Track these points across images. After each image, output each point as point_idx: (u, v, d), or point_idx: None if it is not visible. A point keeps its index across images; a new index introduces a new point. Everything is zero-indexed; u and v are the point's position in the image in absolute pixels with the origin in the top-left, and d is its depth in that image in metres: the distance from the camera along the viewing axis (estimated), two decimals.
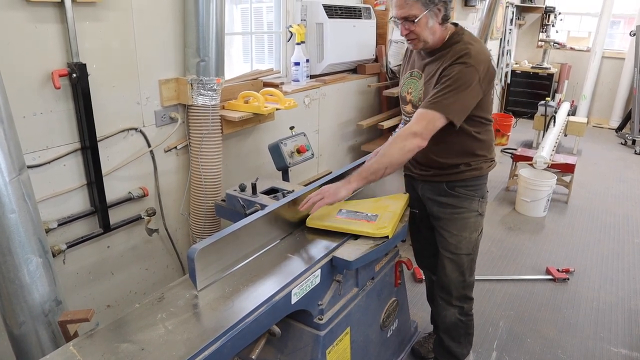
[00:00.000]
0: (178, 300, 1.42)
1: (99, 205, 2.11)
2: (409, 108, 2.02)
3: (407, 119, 2.03)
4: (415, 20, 1.78)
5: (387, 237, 1.82)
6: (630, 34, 7.19)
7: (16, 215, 1.41)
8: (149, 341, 1.25)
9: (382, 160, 1.80)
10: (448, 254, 2.12)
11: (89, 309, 1.41)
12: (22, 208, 1.42)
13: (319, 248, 1.76)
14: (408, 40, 1.88)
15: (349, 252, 1.74)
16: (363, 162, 2.34)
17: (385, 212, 1.96)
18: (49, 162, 1.94)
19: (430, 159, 1.99)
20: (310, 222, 1.89)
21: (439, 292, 2.24)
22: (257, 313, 1.39)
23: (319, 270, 1.66)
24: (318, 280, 1.67)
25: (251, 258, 1.66)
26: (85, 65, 1.91)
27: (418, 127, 1.77)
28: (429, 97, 1.81)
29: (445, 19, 1.83)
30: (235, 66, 3.15)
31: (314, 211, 1.81)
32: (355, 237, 1.84)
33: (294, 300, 1.56)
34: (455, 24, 1.93)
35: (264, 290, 1.48)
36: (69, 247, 2.04)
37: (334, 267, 1.74)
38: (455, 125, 1.79)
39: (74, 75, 1.89)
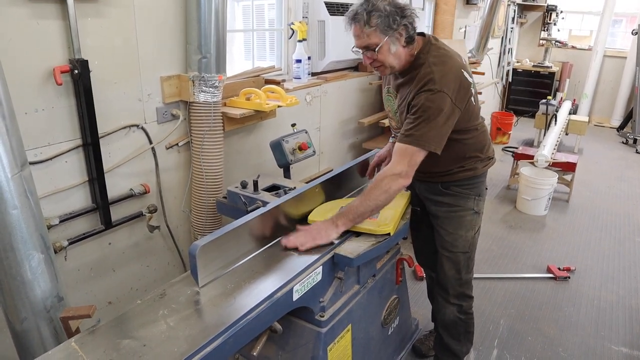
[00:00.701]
0: (180, 296, 1.42)
1: (101, 202, 2.11)
2: (393, 123, 2.06)
3: (394, 132, 2.08)
4: (377, 49, 1.74)
5: (388, 234, 1.82)
6: (632, 33, 7.19)
7: (18, 211, 1.41)
8: (151, 337, 1.25)
9: (369, 204, 1.77)
10: (445, 252, 2.13)
11: (90, 305, 1.41)
12: (24, 204, 1.42)
13: (321, 245, 1.76)
14: (374, 68, 1.84)
15: (351, 249, 1.74)
16: (365, 160, 2.35)
17: (386, 210, 1.95)
18: (50, 159, 1.93)
19: (422, 168, 1.92)
20: (312, 219, 1.89)
21: (438, 290, 2.25)
22: (259, 310, 1.39)
23: (321, 267, 1.66)
24: (320, 277, 1.67)
25: (253, 255, 1.67)
26: (87, 61, 1.90)
27: (400, 167, 1.74)
28: (403, 129, 1.78)
29: (409, 41, 1.77)
30: (237, 63, 3.14)
31: (301, 251, 1.71)
32: (357, 234, 1.84)
33: (295, 297, 1.56)
34: (423, 34, 1.87)
35: (266, 287, 1.48)
36: (70, 243, 2.04)
37: (335, 264, 1.74)
38: (436, 153, 1.76)
39: (76, 71, 1.88)
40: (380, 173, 1.80)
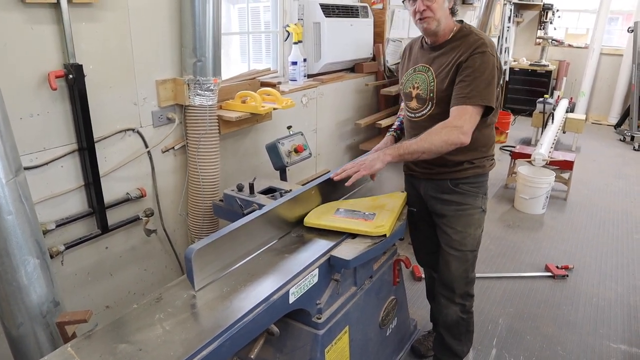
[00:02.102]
0: (176, 300, 1.42)
1: (97, 206, 2.11)
2: (414, 104, 2.01)
3: (412, 115, 2.03)
4: None
5: (384, 235, 1.82)
6: (628, 30, 7.20)
7: (13, 217, 1.41)
8: (147, 341, 1.25)
9: (422, 144, 1.81)
10: (452, 251, 2.11)
11: (87, 310, 1.41)
12: (19, 210, 1.42)
13: (317, 247, 1.76)
14: (422, 18, 1.85)
15: (347, 251, 1.74)
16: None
17: (382, 211, 1.96)
18: (46, 164, 1.94)
19: (434, 161, 1.98)
20: (308, 222, 1.89)
21: (441, 290, 2.23)
22: (255, 312, 1.39)
23: (317, 269, 1.66)
24: (316, 279, 1.67)
25: (249, 258, 1.67)
26: (81, 66, 1.91)
27: (461, 122, 1.79)
28: (458, 93, 1.82)
29: (453, 12, 1.88)
30: (233, 66, 3.14)
31: (349, 183, 1.85)
32: (353, 236, 1.84)
33: (291, 299, 1.56)
34: (460, 21, 1.95)
35: (262, 289, 1.48)
36: (67, 248, 2.04)
37: (331, 266, 1.74)
38: (492, 110, 1.87)
39: (71, 76, 1.89)
40: (440, 124, 1.83)
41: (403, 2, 1.92)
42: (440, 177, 2.05)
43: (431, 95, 1.92)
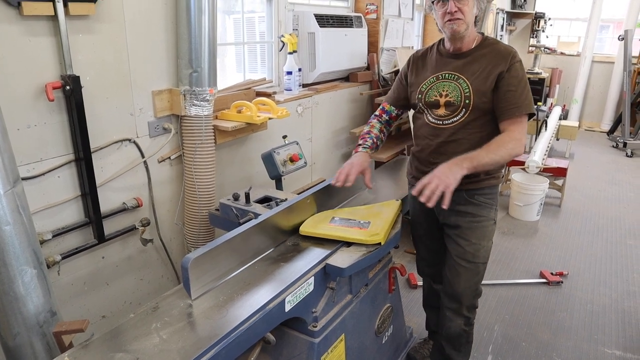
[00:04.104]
0: (172, 309, 1.43)
1: (94, 216, 2.12)
2: (441, 111, 1.99)
3: (438, 122, 2.00)
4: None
5: (379, 243, 1.84)
6: (618, 38, 7.29)
7: (11, 227, 1.42)
8: (144, 350, 1.26)
9: (493, 157, 1.83)
10: (464, 263, 2.08)
11: (83, 319, 1.42)
12: (16, 220, 1.44)
13: (312, 256, 1.77)
14: (452, 20, 1.85)
15: (342, 259, 1.76)
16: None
17: (377, 219, 1.98)
18: (43, 174, 1.95)
19: None
20: (303, 230, 1.91)
21: (448, 303, 2.19)
22: (251, 321, 1.40)
23: (313, 277, 1.68)
24: (312, 287, 1.69)
25: (245, 266, 1.68)
26: (78, 77, 1.93)
27: (520, 134, 1.87)
28: (510, 104, 1.87)
29: (476, 20, 1.92)
30: (229, 76, 3.17)
31: (434, 200, 1.73)
32: (348, 244, 1.85)
33: (287, 307, 1.57)
34: (482, 33, 2.01)
35: (258, 298, 1.49)
36: (63, 258, 2.05)
37: (327, 275, 1.76)
38: (533, 116, 1.97)
39: (68, 87, 1.91)
40: (502, 136, 1.88)
41: (432, 3, 1.91)
42: (458, 187, 1.98)
43: (467, 102, 1.92)
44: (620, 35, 7.23)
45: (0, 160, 1.40)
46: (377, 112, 2.27)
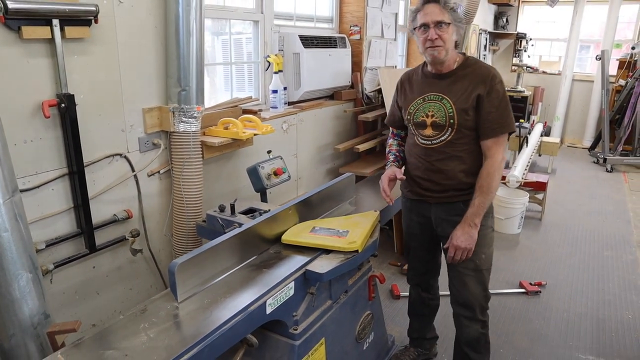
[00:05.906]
0: (160, 311, 1.53)
1: (85, 227, 2.21)
2: (429, 131, 2.09)
3: (427, 142, 2.11)
4: (448, 26, 1.95)
5: (356, 251, 1.95)
6: (596, 58, 7.54)
7: (9, 233, 1.52)
8: (132, 348, 1.35)
9: (488, 196, 2.03)
10: (469, 272, 2.16)
11: (76, 320, 1.51)
12: (14, 227, 1.53)
13: (293, 262, 1.87)
14: (433, 47, 1.97)
15: (321, 265, 1.86)
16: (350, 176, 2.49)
17: (355, 228, 2.09)
18: (38, 187, 2.04)
19: (454, 180, 2.09)
20: (285, 239, 2.01)
21: (460, 311, 2.26)
22: (234, 321, 1.50)
23: (293, 282, 1.78)
24: (292, 291, 1.78)
25: (229, 272, 1.77)
26: (73, 95, 2.04)
27: (500, 154, 2.03)
28: (491, 125, 2.00)
29: (456, 45, 2.03)
30: (219, 94, 3.29)
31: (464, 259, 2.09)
32: (328, 251, 1.96)
33: (268, 310, 1.66)
34: (463, 53, 2.12)
35: (241, 300, 1.59)
36: (56, 267, 2.13)
37: (307, 280, 1.86)
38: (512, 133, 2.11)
39: (63, 105, 2.01)
40: (487, 168, 2.03)
41: (413, 29, 2.04)
42: (454, 200, 2.13)
43: (451, 121, 2.03)
44: (597, 55, 7.48)
45: (1, 171, 1.50)
46: (390, 134, 2.41)
